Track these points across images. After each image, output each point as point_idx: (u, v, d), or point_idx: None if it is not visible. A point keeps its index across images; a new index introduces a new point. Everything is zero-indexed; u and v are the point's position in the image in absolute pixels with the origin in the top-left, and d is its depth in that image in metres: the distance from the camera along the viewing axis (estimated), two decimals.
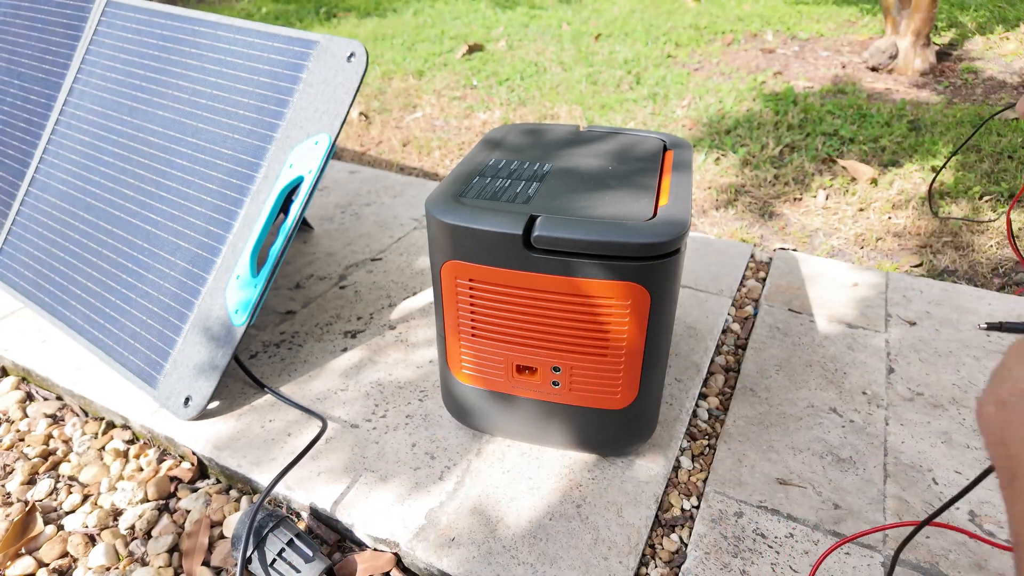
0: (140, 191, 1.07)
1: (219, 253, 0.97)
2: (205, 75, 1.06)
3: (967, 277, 1.41)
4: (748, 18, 3.60)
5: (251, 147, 0.99)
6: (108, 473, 0.93)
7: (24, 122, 1.26)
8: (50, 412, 1.05)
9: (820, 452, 0.87)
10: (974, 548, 0.74)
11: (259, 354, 1.09)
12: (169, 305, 0.99)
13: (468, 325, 0.79)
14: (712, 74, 2.79)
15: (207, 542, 0.83)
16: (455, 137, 2.31)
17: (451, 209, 0.73)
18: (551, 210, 0.72)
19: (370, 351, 1.09)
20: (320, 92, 0.95)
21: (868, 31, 3.19)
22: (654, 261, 0.68)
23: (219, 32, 1.06)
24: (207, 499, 0.88)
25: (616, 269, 0.68)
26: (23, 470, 0.94)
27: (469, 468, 0.86)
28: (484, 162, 0.85)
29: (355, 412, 0.96)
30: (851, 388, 0.99)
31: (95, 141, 1.15)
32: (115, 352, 1.03)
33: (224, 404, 0.98)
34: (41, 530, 0.85)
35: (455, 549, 0.75)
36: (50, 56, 1.26)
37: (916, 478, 0.83)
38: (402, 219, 1.52)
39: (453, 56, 3.21)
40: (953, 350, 1.06)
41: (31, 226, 1.20)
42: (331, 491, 0.84)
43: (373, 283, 1.28)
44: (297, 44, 0.99)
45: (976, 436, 0.89)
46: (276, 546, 0.77)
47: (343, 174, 1.76)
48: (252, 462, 0.88)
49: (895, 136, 2.07)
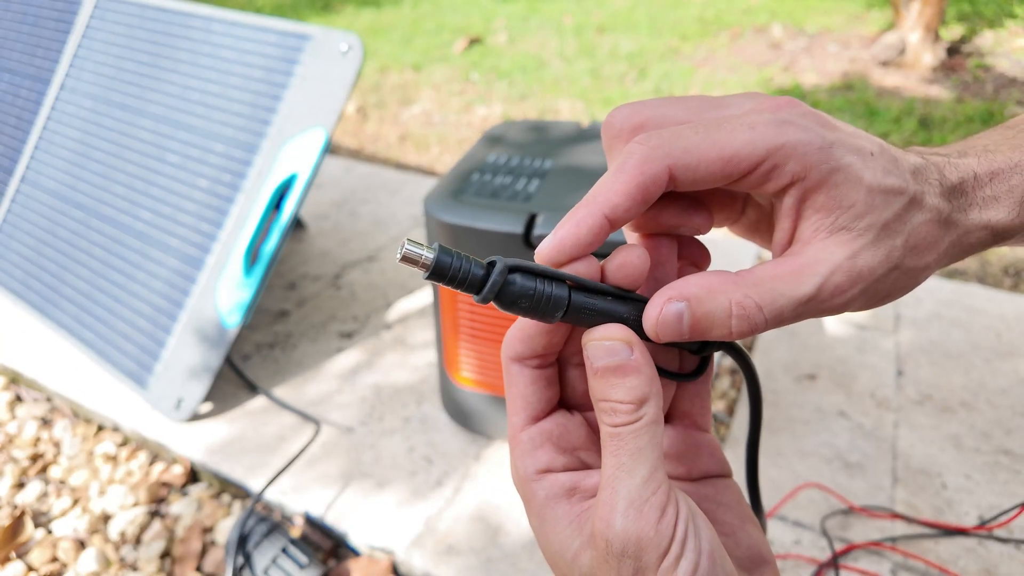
0: (131, 188, 1.05)
1: (210, 252, 0.95)
2: (197, 69, 1.03)
3: (978, 277, 1.39)
4: (755, 11, 3.56)
5: (244, 143, 0.96)
6: (98, 477, 0.91)
7: (14, 117, 1.24)
8: (39, 414, 1.03)
9: (828, 456, 0.85)
10: (983, 554, 0.72)
11: (252, 355, 1.07)
12: (160, 305, 0.97)
13: (467, 326, 0.77)
14: (718, 68, 2.75)
15: (199, 548, 0.81)
16: (454, 133, 2.29)
17: (450, 207, 0.71)
18: (552, 208, 0.69)
19: (366, 353, 1.07)
20: (315, 86, 0.93)
21: (877, 25, 3.15)
22: None
23: (212, 25, 1.04)
24: (199, 504, 0.86)
25: None
26: (12, 473, 0.92)
27: (468, 473, 0.84)
28: (484, 159, 0.82)
29: (350, 416, 0.94)
30: (860, 391, 0.96)
31: (86, 136, 1.13)
32: (105, 352, 1.01)
33: (216, 407, 0.96)
34: (31, 535, 0.83)
35: (453, 557, 0.73)
36: (41, 50, 1.23)
37: (925, 483, 0.81)
38: (399, 217, 1.50)
39: (452, 49, 3.18)
40: (963, 352, 1.04)
41: (21, 223, 1.18)
42: (326, 496, 0.82)
43: (369, 283, 1.26)
44: (291, 37, 0.97)
45: (986, 439, 0.87)
46: (270, 553, 0.75)
47: (339, 170, 1.74)
48: (245, 467, 0.86)
49: (905, 133, 2.04)
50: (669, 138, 0.23)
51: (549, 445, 0.25)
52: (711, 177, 0.23)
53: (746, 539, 0.25)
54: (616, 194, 0.22)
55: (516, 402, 0.25)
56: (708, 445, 0.27)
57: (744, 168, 0.22)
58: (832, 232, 0.23)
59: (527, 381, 0.25)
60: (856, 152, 0.23)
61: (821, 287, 0.23)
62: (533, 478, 0.24)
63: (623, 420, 0.22)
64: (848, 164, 0.23)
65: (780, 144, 0.22)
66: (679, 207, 0.25)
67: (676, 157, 0.22)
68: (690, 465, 0.27)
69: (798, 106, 0.24)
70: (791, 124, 0.23)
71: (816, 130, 0.23)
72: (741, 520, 0.26)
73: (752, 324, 0.23)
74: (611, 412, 0.22)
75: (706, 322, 0.23)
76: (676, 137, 0.23)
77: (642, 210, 0.23)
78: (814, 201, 0.23)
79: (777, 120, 0.23)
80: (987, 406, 0.93)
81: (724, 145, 0.22)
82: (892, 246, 0.23)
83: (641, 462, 0.22)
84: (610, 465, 0.22)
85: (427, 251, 0.21)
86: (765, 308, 0.23)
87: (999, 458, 0.85)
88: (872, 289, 0.23)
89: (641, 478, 0.21)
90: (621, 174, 0.22)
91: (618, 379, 0.22)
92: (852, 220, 0.23)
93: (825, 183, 0.23)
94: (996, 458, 0.85)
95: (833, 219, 0.23)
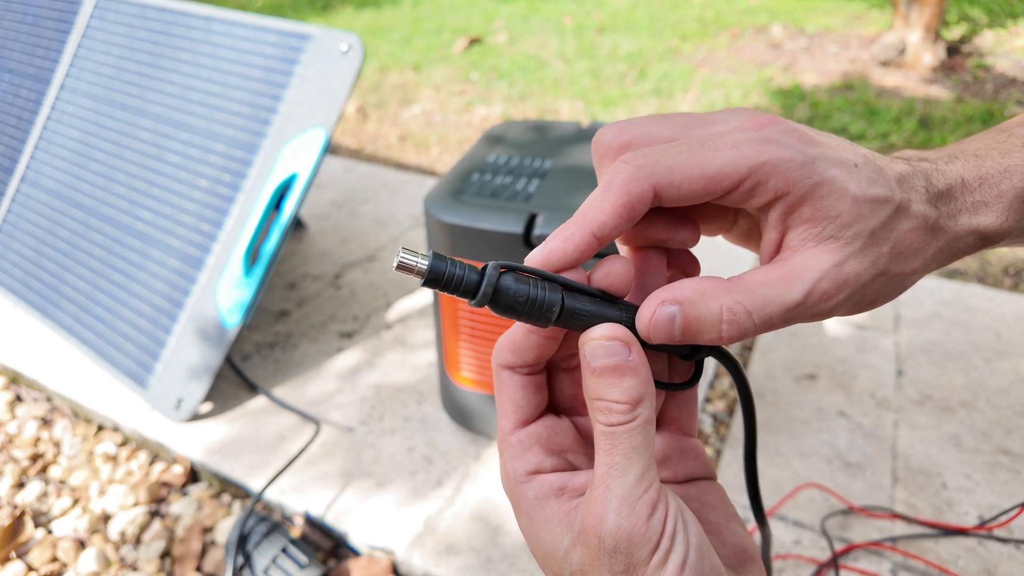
0: (131, 188, 1.05)
1: (210, 252, 0.95)
2: (198, 69, 1.03)
3: (978, 277, 1.39)
4: (755, 11, 3.56)
5: (244, 143, 0.96)
6: (98, 477, 0.91)
7: (15, 116, 1.24)
8: (40, 414, 1.03)
9: (828, 456, 0.85)
10: (983, 553, 0.72)
11: (252, 355, 1.07)
12: (160, 305, 0.97)
13: (467, 326, 0.77)
14: (718, 68, 2.75)
15: (200, 548, 0.81)
16: (454, 132, 2.29)
17: (450, 207, 0.71)
18: (552, 208, 0.69)
19: (366, 353, 1.07)
20: (315, 86, 0.93)
21: (877, 25, 3.15)
22: None
23: (212, 25, 1.04)
24: (199, 504, 0.86)
25: None
26: (12, 473, 0.92)
27: (468, 473, 0.84)
28: (484, 159, 0.82)
29: (350, 415, 0.94)
30: (860, 391, 0.96)
31: (86, 136, 1.13)
32: (106, 352, 1.01)
33: (216, 407, 0.96)
34: (31, 535, 0.83)
35: (453, 556, 0.73)
36: (41, 50, 1.23)
37: (925, 483, 0.81)
38: (399, 217, 1.50)
39: (452, 49, 3.18)
40: (963, 352, 1.04)
41: (21, 223, 1.18)
42: (326, 496, 0.82)
43: (370, 283, 1.26)
44: (291, 37, 0.97)
45: (986, 439, 0.87)
46: (270, 553, 0.75)
47: (339, 170, 1.74)
48: (245, 467, 0.86)
49: (904, 133, 2.04)
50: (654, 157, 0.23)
51: (538, 447, 0.25)
52: (694, 195, 0.23)
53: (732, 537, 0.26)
54: (603, 212, 0.23)
55: (506, 407, 0.26)
56: (693, 449, 0.28)
57: (727, 186, 0.23)
58: (820, 241, 0.24)
59: (517, 386, 0.26)
60: (840, 165, 0.23)
61: (809, 293, 0.23)
62: (523, 479, 0.25)
63: (619, 420, 0.22)
64: (832, 177, 0.23)
65: (762, 162, 0.23)
66: (667, 221, 0.26)
67: (660, 176, 0.23)
68: (676, 468, 0.28)
69: (781, 123, 0.24)
70: (773, 142, 0.23)
71: (798, 147, 0.23)
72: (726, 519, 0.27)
73: (742, 329, 0.23)
74: (607, 411, 0.23)
75: (697, 325, 0.23)
76: (660, 156, 0.23)
77: (629, 227, 0.24)
78: (800, 214, 0.24)
79: (759, 139, 0.23)
80: (987, 406, 0.93)
81: (707, 164, 0.23)
82: (879, 253, 0.24)
83: (635, 461, 0.22)
84: (604, 463, 0.22)
85: (421, 259, 0.21)
86: (755, 314, 0.23)
87: (999, 458, 0.85)
88: (859, 295, 0.24)
89: (634, 477, 0.22)
90: (608, 193, 0.23)
91: (615, 379, 0.23)
92: (839, 230, 0.23)
93: (809, 196, 0.23)
94: (996, 458, 0.85)
95: (820, 229, 0.24)
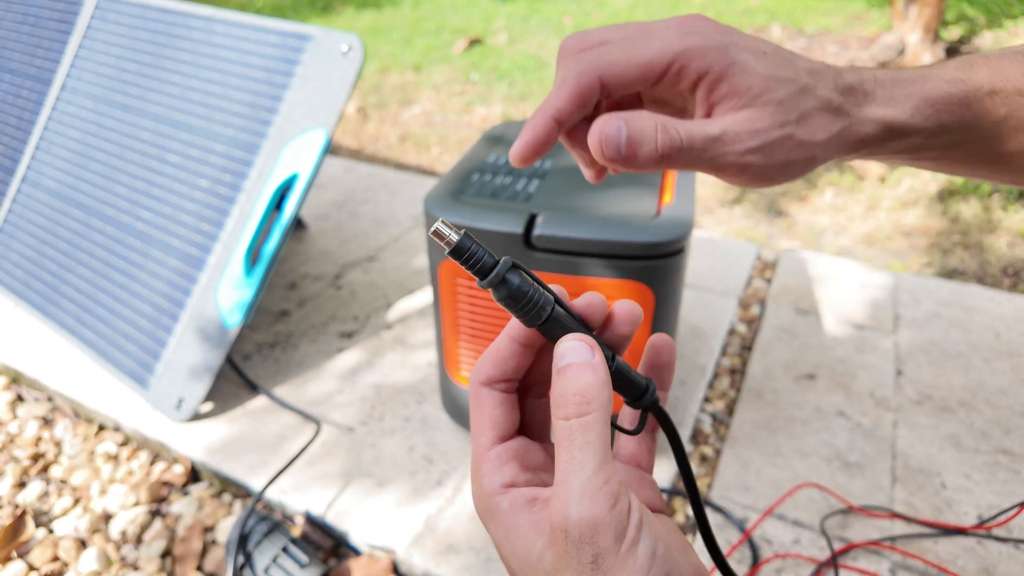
0: (132, 188, 1.05)
1: (211, 252, 0.95)
2: (198, 69, 1.04)
3: (977, 277, 1.39)
4: (754, 12, 3.56)
5: (244, 143, 0.97)
6: (99, 476, 0.92)
7: (15, 117, 1.24)
8: (41, 414, 1.03)
9: (828, 456, 0.85)
10: (982, 553, 0.72)
11: (253, 355, 1.07)
12: (161, 305, 0.98)
13: (467, 326, 0.77)
14: None
15: (200, 547, 0.81)
16: (454, 133, 2.29)
17: (450, 207, 0.71)
18: (552, 208, 0.70)
19: (366, 352, 1.07)
20: (315, 87, 0.93)
21: (876, 26, 3.15)
22: (657, 260, 0.66)
23: (212, 26, 1.04)
24: (200, 503, 0.86)
25: (619, 268, 0.66)
26: (13, 473, 0.92)
27: (468, 473, 0.84)
28: (484, 159, 0.82)
29: (351, 415, 0.94)
30: (859, 391, 0.96)
31: (87, 137, 1.13)
32: (106, 352, 1.01)
33: (217, 406, 0.96)
34: (32, 534, 0.83)
35: (454, 556, 0.74)
36: (42, 51, 1.24)
37: (924, 482, 0.81)
38: (400, 217, 1.50)
39: (452, 50, 3.18)
40: (963, 352, 1.04)
41: (22, 223, 1.18)
42: (326, 496, 0.82)
43: (370, 283, 1.26)
44: (292, 38, 0.97)
45: (985, 439, 0.87)
46: (270, 552, 0.75)
47: (339, 171, 1.74)
48: (245, 466, 0.86)
49: None
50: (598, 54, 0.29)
51: (515, 462, 0.27)
52: (633, 81, 0.29)
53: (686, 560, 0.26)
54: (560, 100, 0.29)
55: (484, 423, 0.27)
56: (651, 482, 0.30)
57: (658, 71, 0.28)
58: (737, 109, 0.29)
59: (496, 403, 0.27)
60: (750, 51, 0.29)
61: (724, 131, 0.28)
62: (499, 492, 0.26)
63: (575, 412, 0.24)
64: (743, 60, 0.28)
65: (683, 49, 0.28)
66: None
67: (604, 68, 0.28)
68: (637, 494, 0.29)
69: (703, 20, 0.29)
70: (695, 33, 0.28)
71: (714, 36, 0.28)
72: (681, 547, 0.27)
73: (671, 139, 0.28)
74: (564, 405, 0.24)
75: (638, 136, 0.28)
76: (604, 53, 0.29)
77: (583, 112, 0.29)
78: (719, 90, 0.29)
79: (683, 31, 0.28)
80: (986, 406, 0.93)
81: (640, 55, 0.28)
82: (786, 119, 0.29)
83: (590, 455, 0.23)
84: (563, 460, 0.23)
85: (455, 233, 0.24)
86: (682, 131, 0.28)
87: (998, 458, 0.85)
88: (768, 149, 0.29)
89: (592, 469, 0.23)
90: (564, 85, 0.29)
91: (575, 374, 0.24)
92: (751, 100, 0.28)
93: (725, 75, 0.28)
94: (995, 458, 0.85)
95: (736, 101, 0.28)
